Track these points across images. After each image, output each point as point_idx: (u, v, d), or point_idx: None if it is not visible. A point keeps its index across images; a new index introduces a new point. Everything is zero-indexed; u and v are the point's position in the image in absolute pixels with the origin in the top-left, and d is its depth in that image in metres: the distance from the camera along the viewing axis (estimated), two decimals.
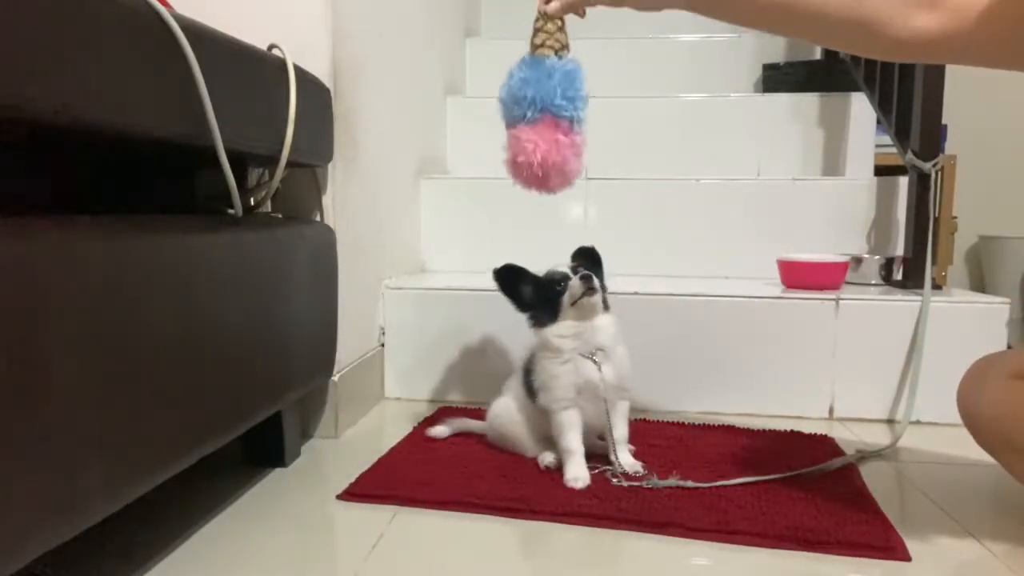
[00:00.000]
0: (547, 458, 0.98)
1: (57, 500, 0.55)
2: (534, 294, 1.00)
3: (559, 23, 0.89)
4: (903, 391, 1.26)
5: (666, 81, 2.05)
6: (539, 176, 0.86)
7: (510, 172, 0.90)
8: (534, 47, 0.89)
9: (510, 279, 1.00)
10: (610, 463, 0.96)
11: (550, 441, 0.99)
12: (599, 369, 0.94)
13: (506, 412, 1.04)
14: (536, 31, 0.89)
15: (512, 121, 0.88)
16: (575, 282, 0.95)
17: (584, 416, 0.96)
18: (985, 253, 2.88)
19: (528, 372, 1.01)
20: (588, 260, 1.03)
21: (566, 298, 0.96)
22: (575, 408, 0.95)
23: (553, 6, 0.86)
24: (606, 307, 0.99)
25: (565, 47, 0.89)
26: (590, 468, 0.94)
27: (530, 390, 1.00)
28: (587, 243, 1.07)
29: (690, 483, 0.91)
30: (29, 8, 0.51)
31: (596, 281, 0.96)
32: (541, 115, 0.85)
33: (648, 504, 0.87)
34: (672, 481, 0.92)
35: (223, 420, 0.80)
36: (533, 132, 0.85)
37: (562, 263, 1.01)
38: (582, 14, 0.89)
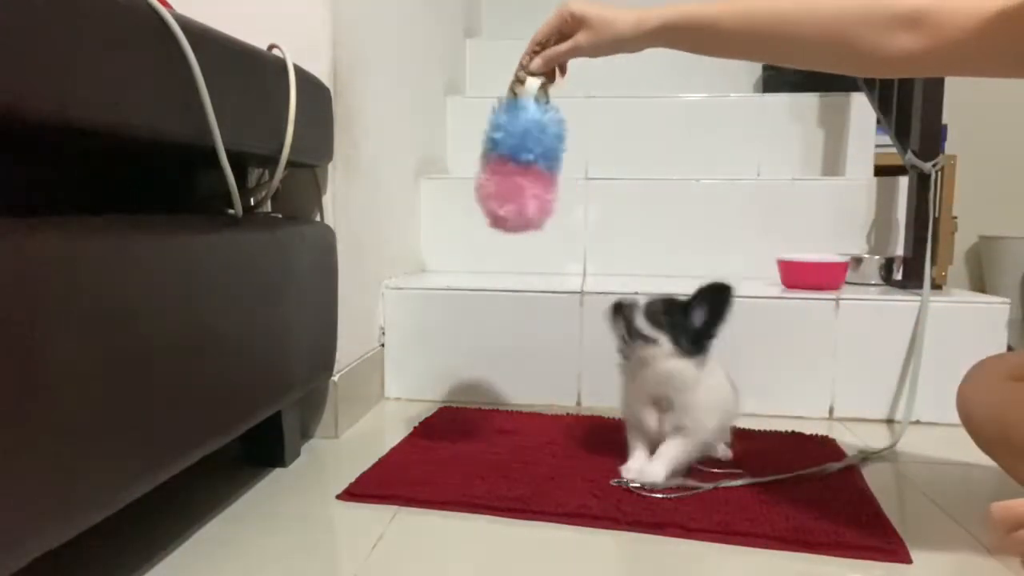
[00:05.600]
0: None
1: (57, 500, 0.55)
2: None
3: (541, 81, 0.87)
4: (903, 391, 1.26)
5: (666, 81, 2.05)
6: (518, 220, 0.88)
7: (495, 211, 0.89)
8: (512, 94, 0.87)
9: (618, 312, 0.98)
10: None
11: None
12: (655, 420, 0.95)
13: None
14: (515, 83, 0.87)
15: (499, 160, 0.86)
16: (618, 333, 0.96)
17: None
18: (985, 253, 2.88)
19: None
20: (707, 302, 0.96)
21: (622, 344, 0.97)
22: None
23: (536, 63, 0.85)
24: (695, 350, 0.94)
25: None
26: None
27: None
28: (587, 243, 1.07)
29: (691, 483, 0.92)
30: (28, 8, 0.51)
31: (646, 332, 0.94)
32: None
33: (648, 504, 0.87)
34: (673, 481, 0.92)
35: (223, 420, 0.80)
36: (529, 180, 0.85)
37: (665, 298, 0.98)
38: (563, 72, 0.88)
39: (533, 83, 0.86)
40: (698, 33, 0.78)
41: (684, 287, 1.38)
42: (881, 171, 1.69)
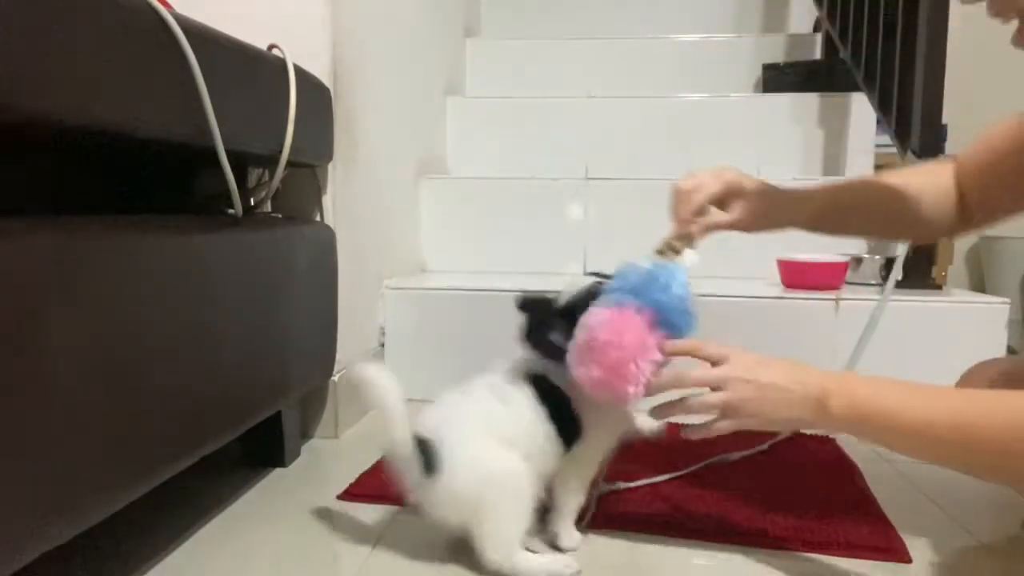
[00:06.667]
0: None
1: (57, 500, 0.55)
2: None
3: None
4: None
5: (666, 81, 2.04)
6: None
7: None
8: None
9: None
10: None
11: None
12: None
13: None
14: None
15: None
16: None
17: None
18: (985, 253, 2.88)
19: None
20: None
21: None
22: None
23: (696, 232, 0.85)
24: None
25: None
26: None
27: None
28: (587, 243, 1.03)
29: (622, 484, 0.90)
30: (29, 9, 0.51)
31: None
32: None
33: (649, 505, 0.87)
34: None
35: (223, 420, 0.80)
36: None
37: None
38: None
39: (693, 257, 0.83)
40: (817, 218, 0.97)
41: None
42: (881, 171, 1.68)
